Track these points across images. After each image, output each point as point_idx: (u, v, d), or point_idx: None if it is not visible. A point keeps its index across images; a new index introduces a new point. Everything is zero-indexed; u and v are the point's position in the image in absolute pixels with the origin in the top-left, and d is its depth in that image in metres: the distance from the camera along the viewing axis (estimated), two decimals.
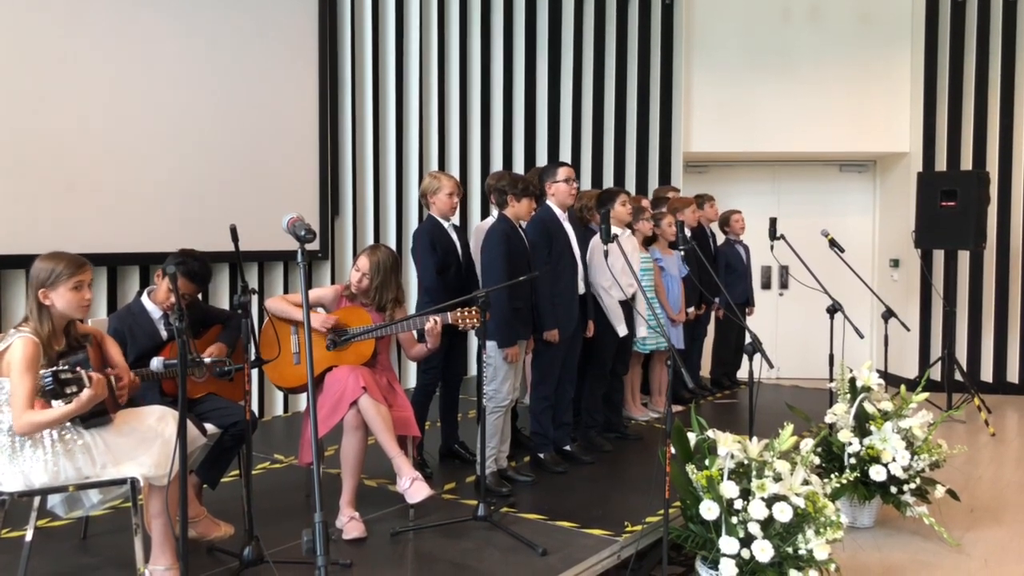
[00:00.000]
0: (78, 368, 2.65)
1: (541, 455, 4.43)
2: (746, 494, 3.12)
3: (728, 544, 3.07)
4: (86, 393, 2.63)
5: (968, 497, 4.74)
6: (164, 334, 3.44)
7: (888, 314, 5.23)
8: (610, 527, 3.55)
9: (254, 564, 3.01)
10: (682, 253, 5.71)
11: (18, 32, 4.49)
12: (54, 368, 2.59)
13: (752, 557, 3.04)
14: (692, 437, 3.39)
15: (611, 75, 7.81)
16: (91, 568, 3.18)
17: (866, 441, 4.19)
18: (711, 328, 6.59)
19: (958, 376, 7.05)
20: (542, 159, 7.43)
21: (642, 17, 7.87)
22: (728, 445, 3.21)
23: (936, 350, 7.75)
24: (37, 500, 2.83)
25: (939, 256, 7.78)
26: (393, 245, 6.28)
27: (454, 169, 6.94)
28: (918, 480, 4.17)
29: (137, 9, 4.96)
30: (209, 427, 3.34)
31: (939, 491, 4.21)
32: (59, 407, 2.65)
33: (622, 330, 4.74)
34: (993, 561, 3.98)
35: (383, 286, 3.70)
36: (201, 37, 5.28)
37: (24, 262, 4.41)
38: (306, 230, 2.68)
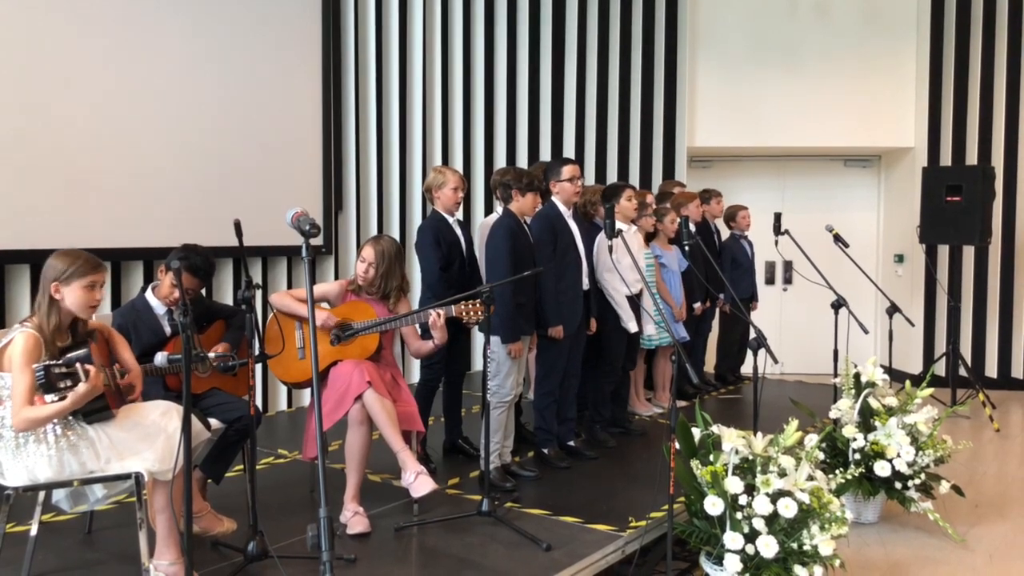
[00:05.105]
0: (76, 364, 2.61)
1: (545, 450, 4.43)
2: (750, 490, 3.11)
3: (732, 540, 3.06)
4: (82, 387, 2.60)
5: (973, 493, 4.73)
6: (168, 329, 3.43)
7: (893, 309, 5.22)
8: (614, 522, 3.55)
9: (258, 559, 3.02)
10: (686, 248, 5.69)
11: (22, 31, 4.48)
12: (46, 363, 2.57)
13: (756, 553, 3.03)
14: (696, 432, 3.39)
15: (615, 69, 7.79)
16: (96, 563, 3.19)
17: (871, 437, 4.19)
18: (715, 323, 6.58)
19: (963, 372, 7.03)
20: (546, 154, 7.42)
21: (646, 11, 7.85)
22: (732, 440, 3.21)
23: (941, 346, 7.74)
24: (42, 495, 2.84)
25: (944, 251, 7.76)
26: (397, 239, 6.28)
27: (458, 163, 6.94)
28: (923, 476, 4.16)
29: (142, 6, 4.95)
30: (213, 422, 3.34)
31: (944, 487, 4.20)
32: (53, 402, 2.63)
33: (632, 327, 4.73)
34: (998, 556, 3.98)
35: (388, 274, 3.72)
36: (205, 32, 5.27)
37: (28, 257, 4.45)
38: (310, 225, 2.67)
